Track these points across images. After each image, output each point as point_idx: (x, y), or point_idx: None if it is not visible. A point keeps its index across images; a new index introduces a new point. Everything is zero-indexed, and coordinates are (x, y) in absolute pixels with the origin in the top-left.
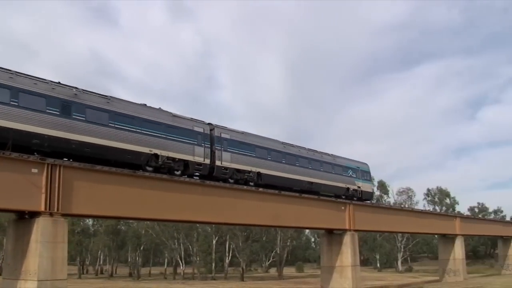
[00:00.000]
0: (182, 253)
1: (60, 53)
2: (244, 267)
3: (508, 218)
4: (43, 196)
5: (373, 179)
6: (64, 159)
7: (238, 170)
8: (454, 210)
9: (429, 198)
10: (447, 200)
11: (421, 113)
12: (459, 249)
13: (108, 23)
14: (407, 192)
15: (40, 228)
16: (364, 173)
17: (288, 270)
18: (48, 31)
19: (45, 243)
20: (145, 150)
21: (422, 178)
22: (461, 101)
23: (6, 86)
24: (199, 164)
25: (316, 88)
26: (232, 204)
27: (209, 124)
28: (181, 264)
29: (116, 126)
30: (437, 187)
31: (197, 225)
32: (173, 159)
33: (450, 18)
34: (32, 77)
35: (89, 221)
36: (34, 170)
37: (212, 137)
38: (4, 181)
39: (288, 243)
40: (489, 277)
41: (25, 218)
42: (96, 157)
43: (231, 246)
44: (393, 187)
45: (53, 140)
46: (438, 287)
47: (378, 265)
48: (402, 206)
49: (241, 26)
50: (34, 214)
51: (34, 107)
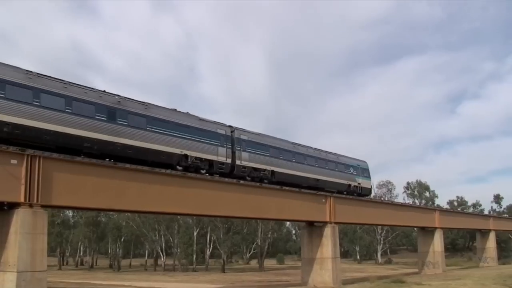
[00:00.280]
0: (163, 244)
1: (40, 44)
2: (225, 259)
3: (486, 212)
4: (23, 187)
5: None
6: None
7: (255, 169)
8: (433, 203)
9: (409, 192)
10: (427, 194)
11: (402, 107)
12: (438, 242)
13: (89, 14)
14: (387, 185)
15: (19, 219)
16: (363, 170)
17: (269, 262)
18: (28, 22)
19: (24, 234)
20: (177, 151)
21: (402, 172)
22: (441, 96)
23: (62, 95)
24: (222, 163)
25: (297, 81)
26: (214, 196)
27: (229, 126)
28: (162, 256)
29: (152, 130)
30: (417, 181)
31: (178, 217)
32: (200, 159)
33: (431, 13)
34: (82, 86)
35: (69, 213)
36: (14, 161)
37: (232, 138)
38: None
39: (269, 235)
40: (468, 270)
41: (4, 209)
42: (136, 158)
43: (212, 238)
44: (373, 180)
45: (102, 144)
46: (417, 279)
47: (358, 257)
48: (382, 199)
49: (223, 18)
50: (14, 206)
51: (85, 113)
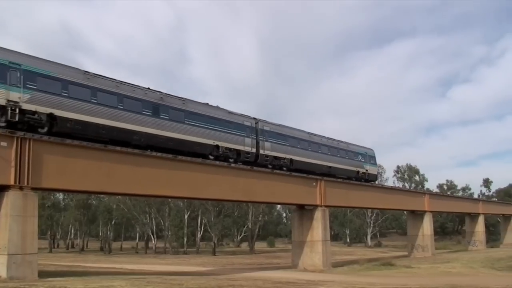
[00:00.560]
0: (154, 227)
1: (29, 24)
2: (216, 242)
3: (475, 196)
4: (13, 169)
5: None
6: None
7: (275, 157)
8: (423, 187)
9: (399, 175)
10: (417, 177)
11: (393, 90)
12: (427, 225)
13: None
14: (377, 169)
15: (9, 202)
16: (370, 157)
17: (260, 245)
18: (16, 2)
19: (15, 217)
20: (210, 142)
21: (392, 155)
22: (432, 80)
23: (114, 93)
24: (248, 152)
25: (288, 65)
26: (205, 179)
27: (254, 118)
28: (152, 238)
29: (190, 123)
30: (407, 164)
31: (169, 200)
32: (230, 149)
33: None
34: (131, 85)
35: (60, 195)
36: (3, 144)
37: (256, 129)
38: None
39: (259, 218)
40: (456, 253)
41: None
42: (176, 149)
43: (203, 221)
44: None
45: (148, 136)
46: (406, 262)
47: (348, 240)
48: (372, 182)
49: (214, 0)
50: (4, 188)
51: (134, 109)
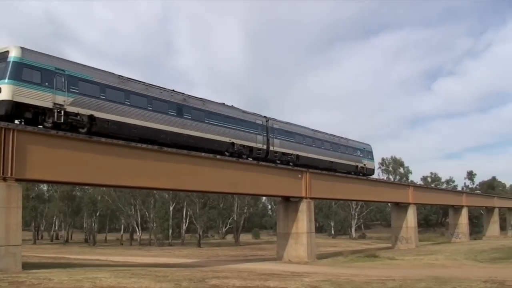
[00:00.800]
0: (139, 219)
1: (14, 15)
2: (201, 234)
3: (459, 188)
4: None
5: None
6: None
7: (283, 153)
8: (407, 179)
9: (384, 167)
10: (401, 170)
11: (379, 83)
12: (411, 217)
13: None
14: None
15: None
16: (368, 153)
17: (245, 237)
18: None
19: None
20: (226, 139)
21: (377, 148)
22: (418, 73)
23: (144, 96)
24: (259, 149)
25: (275, 57)
26: (190, 171)
27: (264, 117)
28: (137, 230)
29: (209, 122)
30: (392, 157)
31: (154, 191)
32: (243, 146)
33: None
34: (158, 87)
35: (44, 187)
36: None
37: (267, 127)
38: None
39: (245, 210)
40: (440, 245)
41: None
42: (196, 146)
43: (188, 213)
44: None
45: (173, 135)
46: (390, 254)
47: (333, 232)
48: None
49: None
50: None
51: (161, 110)
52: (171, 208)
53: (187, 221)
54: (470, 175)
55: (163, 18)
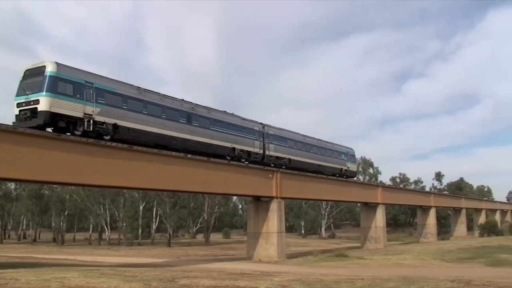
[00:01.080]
0: (108, 218)
1: None
2: (171, 233)
3: (427, 189)
4: None
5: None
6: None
7: (277, 157)
8: (376, 179)
9: None
10: (371, 170)
11: (349, 84)
12: (380, 217)
13: None
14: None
15: None
16: (351, 156)
17: (215, 236)
18: None
19: None
20: (228, 145)
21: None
22: (388, 74)
23: (159, 105)
24: (256, 153)
25: (246, 56)
26: (160, 170)
27: (261, 123)
28: (106, 230)
29: (213, 129)
30: (361, 157)
31: (124, 190)
32: (243, 150)
33: None
34: (171, 97)
35: (11, 185)
36: None
37: (263, 133)
38: None
39: (215, 210)
40: (408, 245)
41: None
42: (202, 151)
43: (158, 212)
44: None
45: (183, 141)
46: (359, 253)
47: (303, 231)
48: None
49: None
50: None
51: (173, 118)
52: (141, 208)
53: (157, 221)
54: (438, 176)
55: (134, 15)
